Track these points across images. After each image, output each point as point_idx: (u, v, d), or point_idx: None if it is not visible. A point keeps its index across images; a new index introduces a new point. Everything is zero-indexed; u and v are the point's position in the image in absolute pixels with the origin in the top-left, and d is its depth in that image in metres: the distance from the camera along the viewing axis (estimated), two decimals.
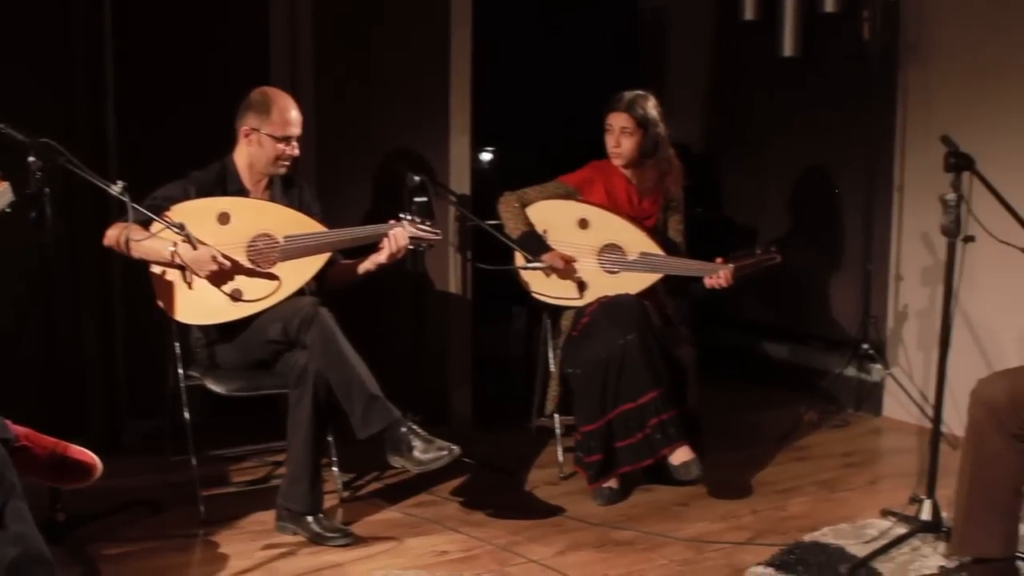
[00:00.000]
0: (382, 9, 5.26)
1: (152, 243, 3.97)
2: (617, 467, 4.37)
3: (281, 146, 4.18)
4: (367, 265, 4.28)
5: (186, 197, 4.08)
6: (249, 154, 4.22)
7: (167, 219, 3.90)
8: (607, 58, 6.80)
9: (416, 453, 3.87)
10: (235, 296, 4.06)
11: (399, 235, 4.19)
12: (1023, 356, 4.73)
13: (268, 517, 4.08)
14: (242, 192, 4.23)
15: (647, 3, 7.19)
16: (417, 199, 4.66)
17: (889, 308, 5.65)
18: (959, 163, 3.87)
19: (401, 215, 4.26)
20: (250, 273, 4.09)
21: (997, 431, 3.32)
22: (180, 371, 4.18)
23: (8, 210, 3.49)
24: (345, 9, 5.18)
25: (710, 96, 6.96)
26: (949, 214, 3.83)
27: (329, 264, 4.25)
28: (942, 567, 3.67)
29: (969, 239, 3.89)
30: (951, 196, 3.82)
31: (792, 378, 6.20)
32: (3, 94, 4.31)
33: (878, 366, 5.64)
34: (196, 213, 4.02)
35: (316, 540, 3.92)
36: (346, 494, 4.41)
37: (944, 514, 3.90)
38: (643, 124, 4.59)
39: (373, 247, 4.25)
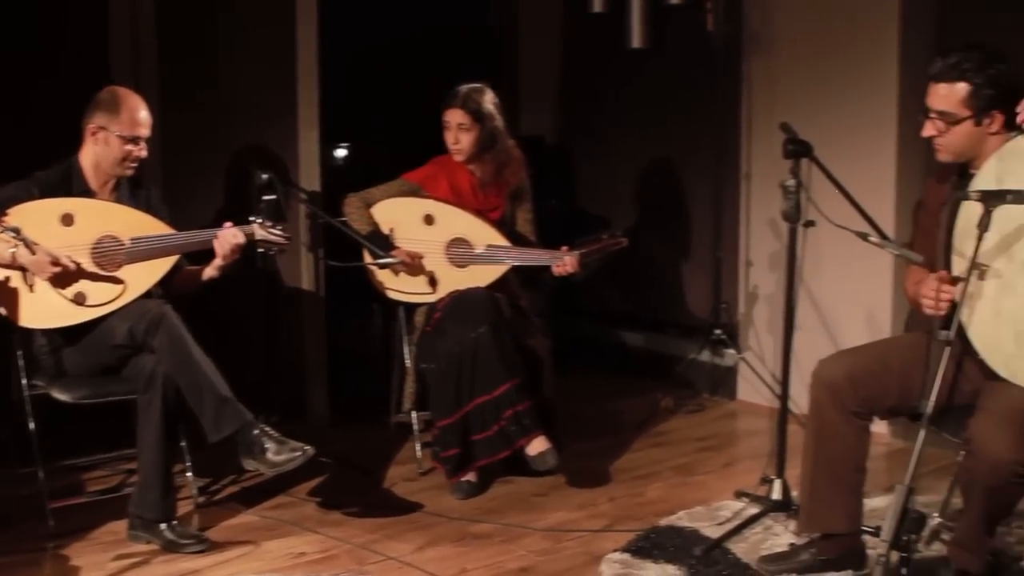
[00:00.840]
0: (226, 5, 5.17)
1: None
2: (475, 460, 4.38)
3: (129, 147, 4.08)
4: (210, 271, 4.20)
5: (30, 198, 3.96)
6: (95, 154, 4.11)
7: (3, 224, 3.77)
8: (459, 52, 6.79)
9: (269, 455, 3.82)
10: (78, 300, 3.95)
11: (225, 236, 4.09)
12: (868, 336, 4.85)
13: (120, 527, 3.99)
14: (88, 193, 4.12)
15: None
16: (266, 197, 4.60)
17: (740, 293, 5.75)
18: (797, 150, 3.98)
19: (251, 218, 4.19)
20: (94, 276, 3.98)
21: (837, 410, 3.41)
22: (24, 380, 4.05)
23: None
24: (187, 6, 5.08)
25: (562, 88, 7.01)
26: (789, 200, 3.92)
27: (174, 270, 4.16)
28: (792, 544, 3.75)
29: (809, 224, 3.99)
30: (790, 182, 3.92)
31: (648, 365, 6.27)
32: None
33: (731, 351, 5.75)
34: (38, 214, 3.90)
35: (170, 548, 3.85)
36: (201, 499, 4.33)
37: (794, 493, 3.99)
38: (479, 118, 4.60)
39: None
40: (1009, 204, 3.00)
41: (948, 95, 3.24)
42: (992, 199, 3.01)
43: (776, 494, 4.10)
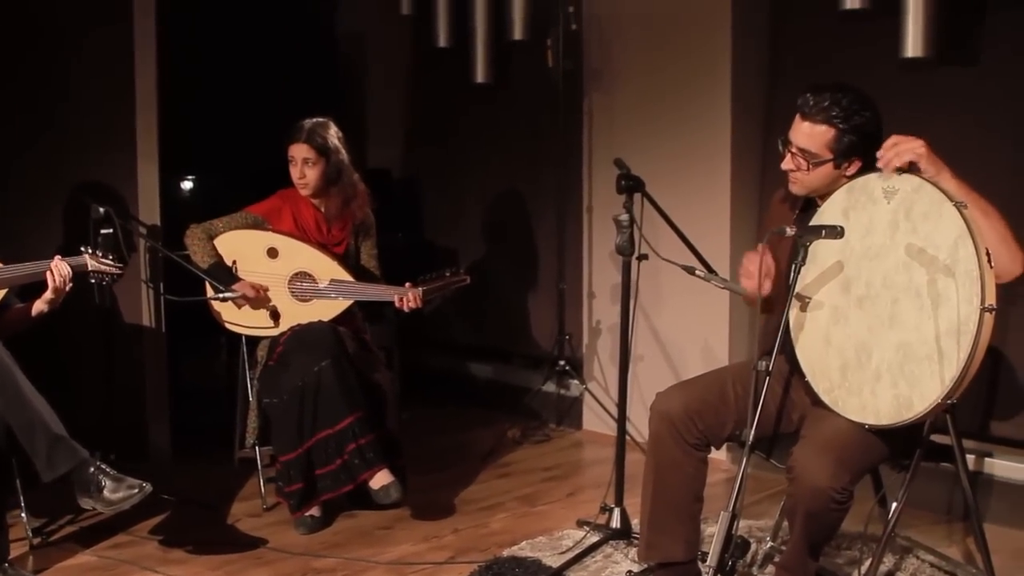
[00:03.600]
0: (62, 35, 5.06)
1: None
2: (319, 495, 4.36)
3: None
4: (39, 305, 4.06)
5: None
6: None
7: None
8: (304, 84, 6.79)
9: (106, 493, 3.74)
10: None
11: (58, 267, 4.01)
12: (707, 367, 4.95)
13: None
14: None
15: (344, 29, 7.22)
16: (103, 231, 4.52)
17: (584, 325, 5.84)
18: (630, 185, 4.08)
19: (82, 248, 4.12)
20: None
21: (675, 441, 3.47)
22: None
23: None
24: (23, 36, 4.96)
25: (409, 121, 7.06)
26: (623, 234, 4.02)
27: (2, 308, 4.06)
28: (630, 572, 3.82)
29: (643, 257, 4.09)
30: (624, 217, 4.01)
31: (496, 397, 6.33)
32: None
33: (576, 381, 5.83)
34: None
35: None
36: (36, 540, 4.22)
37: (634, 521, 4.06)
38: (324, 152, 4.61)
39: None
40: (825, 239, 3.13)
41: (812, 135, 3.30)
42: (808, 234, 3.13)
43: (616, 522, 4.17)
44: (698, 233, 4.44)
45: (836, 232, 3.11)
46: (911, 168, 3.09)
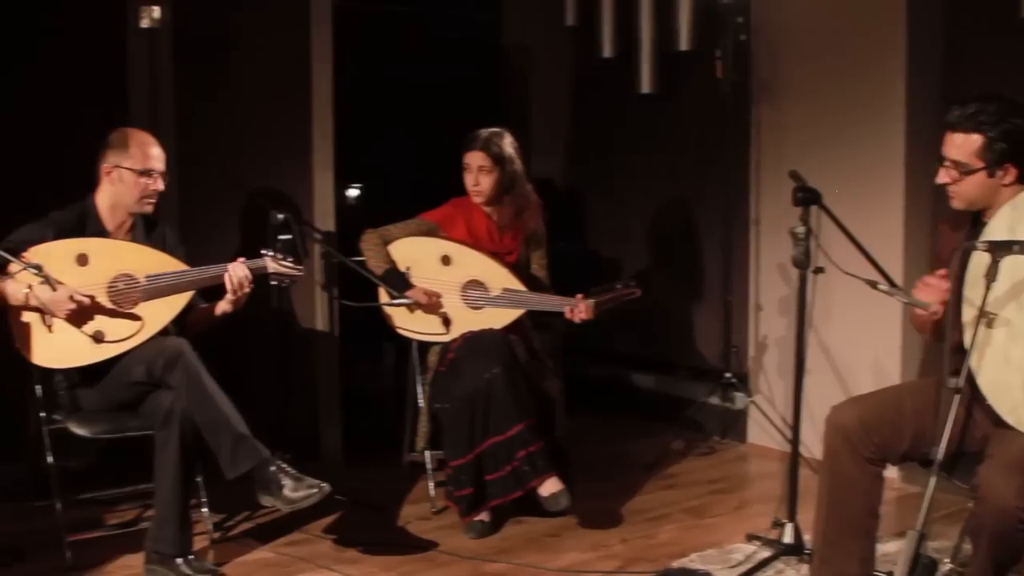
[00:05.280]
0: (243, 48, 5.23)
1: (6, 285, 3.88)
2: (488, 500, 4.40)
3: (144, 180, 4.13)
4: (223, 306, 4.22)
5: (43, 239, 3.99)
6: (112, 193, 4.16)
7: (24, 260, 3.82)
8: (470, 95, 6.87)
9: (286, 491, 3.84)
10: (97, 338, 3.99)
11: (235, 270, 4.14)
12: (877, 382, 4.88)
13: (137, 561, 4.01)
14: (102, 234, 4.16)
15: (509, 41, 7.28)
16: (281, 237, 4.64)
17: (750, 337, 5.79)
18: (807, 197, 4.03)
19: (263, 251, 4.24)
20: (112, 313, 4.02)
21: (851, 456, 3.42)
22: (42, 414, 4.09)
23: None
24: (205, 49, 5.14)
25: (573, 132, 7.08)
26: (799, 246, 3.97)
27: (189, 308, 4.20)
28: None
29: (819, 270, 4.03)
30: (800, 229, 3.96)
31: (659, 408, 6.31)
32: None
33: (741, 394, 5.78)
34: (53, 255, 3.93)
35: None
36: (216, 535, 4.36)
37: (806, 536, 4.01)
38: (499, 161, 4.66)
39: None
40: (1017, 255, 3.05)
41: (963, 145, 3.27)
42: (1000, 250, 3.06)
43: (788, 538, 4.11)
44: (869, 247, 4.36)
45: None
46: None
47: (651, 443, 5.78)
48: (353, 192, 6.44)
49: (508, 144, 4.70)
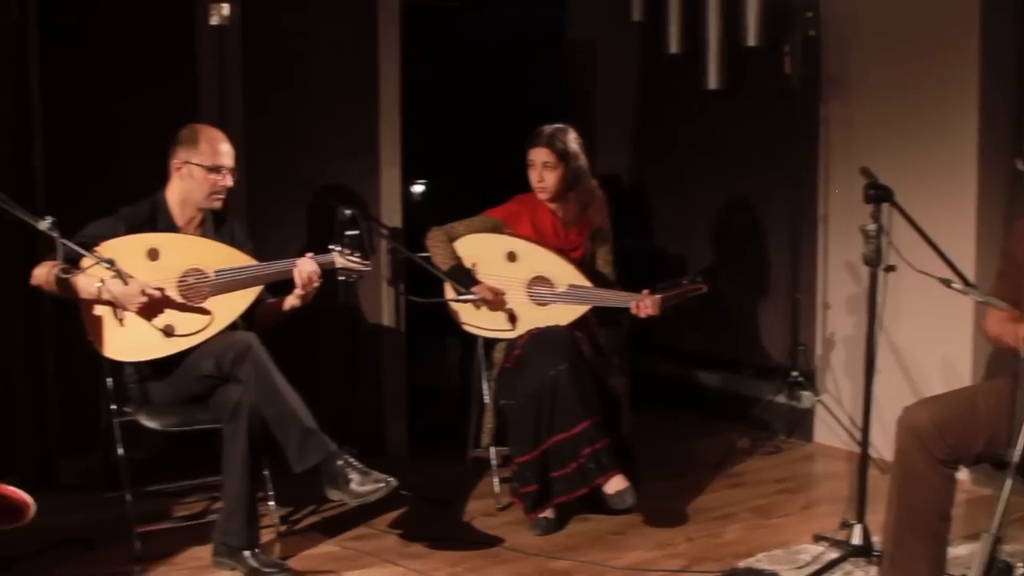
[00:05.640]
0: (311, 45, 5.27)
1: (79, 279, 3.94)
2: (553, 497, 4.39)
3: (213, 176, 4.17)
4: (291, 300, 4.26)
5: (115, 234, 4.05)
6: (183, 189, 4.21)
7: (97, 255, 3.87)
8: (535, 91, 6.86)
9: (353, 486, 3.87)
10: (168, 331, 4.03)
11: (304, 265, 4.17)
12: (947, 383, 4.82)
13: (204, 552, 4.06)
14: (172, 229, 4.21)
15: (574, 36, 7.27)
16: (349, 233, 4.68)
17: (817, 336, 5.74)
18: (878, 194, 3.97)
19: (331, 246, 4.27)
20: (182, 308, 4.07)
21: (923, 457, 3.38)
22: (113, 407, 4.14)
23: None
24: (273, 46, 5.18)
25: (638, 128, 7.05)
26: (870, 244, 3.92)
27: (257, 302, 4.23)
28: None
29: (890, 268, 3.98)
30: (871, 227, 3.91)
31: (724, 406, 6.28)
32: None
33: (808, 393, 5.73)
34: (125, 250, 3.98)
35: (253, 575, 3.90)
36: (283, 528, 4.41)
37: (875, 538, 3.96)
38: (564, 157, 4.65)
39: None
40: None
41: None
42: None
43: (856, 539, 4.06)
44: (941, 245, 4.29)
45: None
46: None
47: (715, 441, 5.75)
48: (419, 188, 6.46)
49: (572, 140, 4.69)
